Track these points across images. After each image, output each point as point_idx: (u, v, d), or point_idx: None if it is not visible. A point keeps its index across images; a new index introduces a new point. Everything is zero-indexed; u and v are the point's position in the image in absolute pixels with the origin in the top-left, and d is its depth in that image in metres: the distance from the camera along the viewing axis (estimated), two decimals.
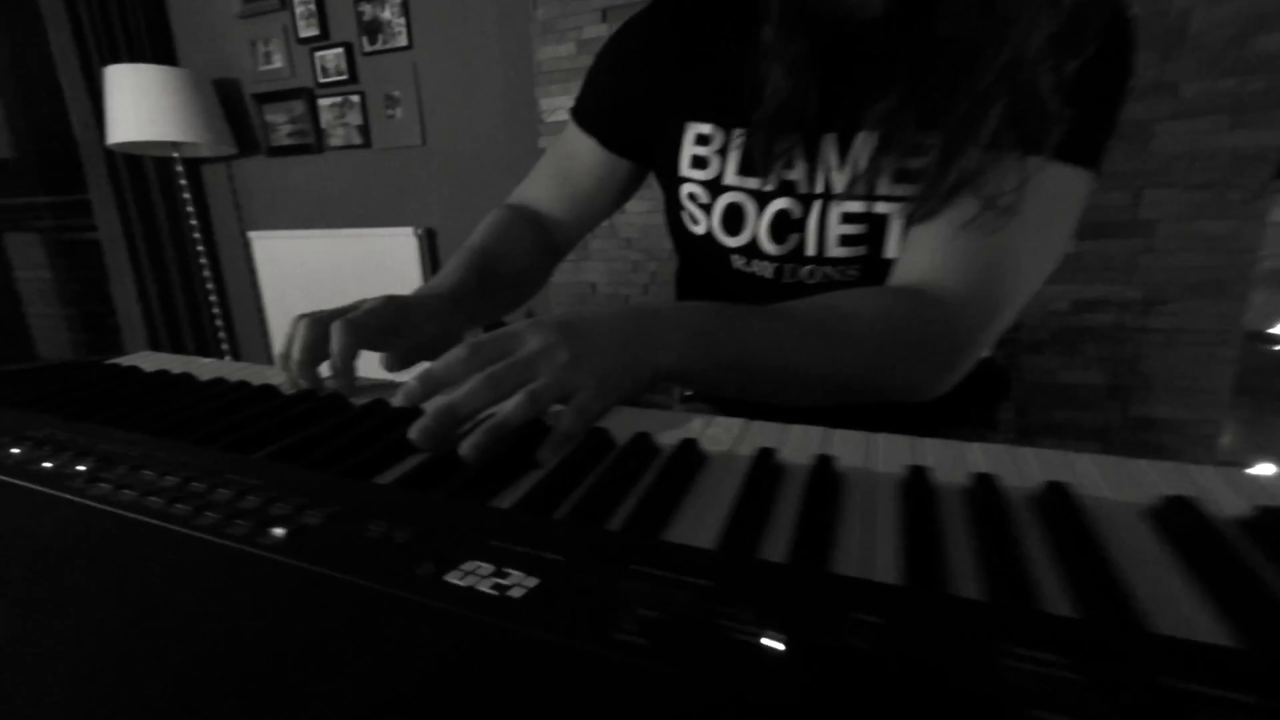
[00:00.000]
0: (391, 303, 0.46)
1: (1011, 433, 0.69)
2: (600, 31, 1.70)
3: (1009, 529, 0.24)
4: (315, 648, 0.16)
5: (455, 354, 0.35)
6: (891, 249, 0.51)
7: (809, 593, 0.18)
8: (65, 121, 2.15)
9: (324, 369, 0.44)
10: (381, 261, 2.14)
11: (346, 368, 0.42)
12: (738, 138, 0.54)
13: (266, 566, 0.20)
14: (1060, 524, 0.24)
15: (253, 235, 2.34)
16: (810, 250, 0.53)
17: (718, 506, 0.27)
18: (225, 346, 2.40)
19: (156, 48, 2.27)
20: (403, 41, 1.99)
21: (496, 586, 0.19)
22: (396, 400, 0.35)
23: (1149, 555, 0.23)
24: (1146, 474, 0.28)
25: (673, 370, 0.39)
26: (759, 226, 0.54)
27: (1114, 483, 0.28)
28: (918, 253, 0.47)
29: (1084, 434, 1.50)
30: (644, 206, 1.74)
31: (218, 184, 2.43)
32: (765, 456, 0.30)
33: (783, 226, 0.53)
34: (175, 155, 2.12)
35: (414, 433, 0.32)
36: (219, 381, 0.43)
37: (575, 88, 0.62)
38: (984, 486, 0.27)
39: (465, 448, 0.31)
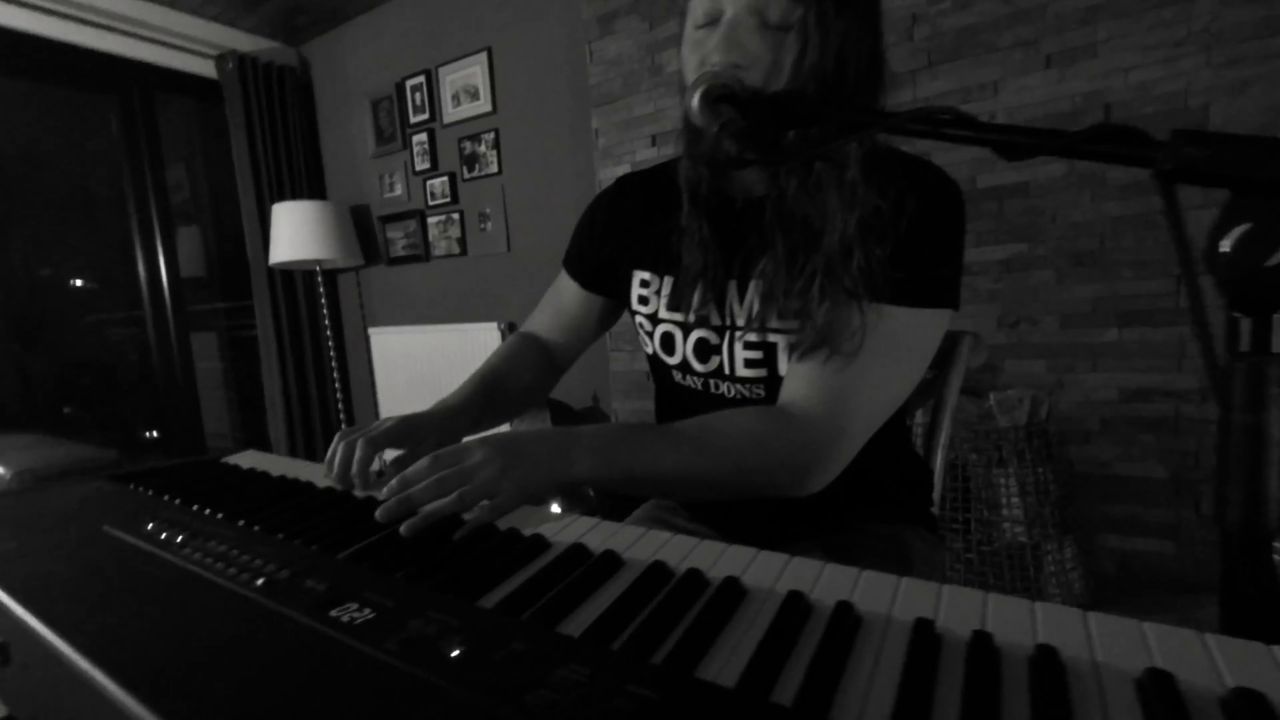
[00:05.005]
0: (403, 421, 0.65)
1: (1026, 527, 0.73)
2: (650, 154, 1.95)
3: None
4: (269, 660, 0.32)
5: (422, 463, 0.51)
6: (784, 370, 0.63)
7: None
8: (241, 246, 2.72)
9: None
10: (470, 352, 2.45)
11: (362, 471, 0.60)
12: (668, 282, 0.69)
13: (252, 606, 0.36)
14: None
15: (372, 331, 2.77)
16: (726, 370, 0.67)
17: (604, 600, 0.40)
18: (343, 421, 2.80)
19: (311, 183, 2.85)
20: (494, 169, 2.37)
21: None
22: (383, 493, 0.51)
23: None
24: None
25: (581, 480, 0.53)
26: (686, 350, 0.69)
27: None
28: (790, 381, 0.60)
29: (1151, 530, 1.40)
30: None
31: (348, 289, 2.92)
32: (729, 584, 0.43)
33: (704, 350, 0.68)
34: (318, 269, 2.60)
35: (380, 512, 0.48)
36: (282, 479, 0.62)
37: None
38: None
39: (405, 528, 0.46)
